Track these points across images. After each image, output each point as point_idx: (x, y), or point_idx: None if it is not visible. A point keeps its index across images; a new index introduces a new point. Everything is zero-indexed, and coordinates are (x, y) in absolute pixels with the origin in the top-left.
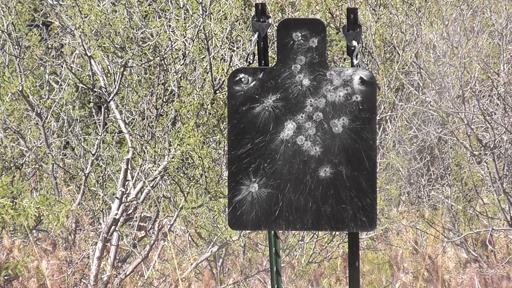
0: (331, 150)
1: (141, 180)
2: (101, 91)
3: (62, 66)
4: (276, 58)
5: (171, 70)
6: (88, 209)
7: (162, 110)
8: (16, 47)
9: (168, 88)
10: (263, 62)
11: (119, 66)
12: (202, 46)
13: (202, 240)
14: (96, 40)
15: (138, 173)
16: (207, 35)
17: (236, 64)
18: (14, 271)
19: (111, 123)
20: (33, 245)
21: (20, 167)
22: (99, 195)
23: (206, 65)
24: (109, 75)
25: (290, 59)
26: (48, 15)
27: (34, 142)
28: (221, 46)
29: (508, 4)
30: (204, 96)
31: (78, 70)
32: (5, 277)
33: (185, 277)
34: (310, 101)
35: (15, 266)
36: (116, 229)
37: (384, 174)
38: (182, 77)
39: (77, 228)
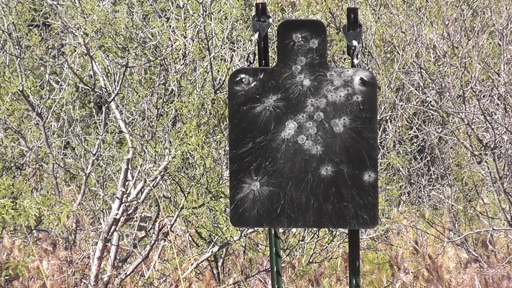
0: (332, 149)
1: (141, 180)
2: (101, 91)
3: (62, 66)
4: (276, 58)
5: (171, 70)
6: (88, 209)
7: (162, 110)
8: (17, 47)
9: (169, 88)
10: (263, 61)
11: (120, 66)
12: (203, 46)
13: (203, 240)
14: (98, 39)
15: (139, 173)
16: (207, 35)
17: (237, 64)
18: (14, 271)
19: (112, 123)
20: (34, 245)
21: (21, 167)
22: (100, 195)
23: (207, 65)
24: (109, 75)
25: (290, 60)
26: (49, 16)
27: (35, 142)
28: (221, 46)
29: (509, 4)
30: (205, 96)
31: (78, 70)
32: (6, 277)
33: (186, 277)
34: (311, 101)
35: (16, 266)
36: (117, 229)
37: (384, 174)
38: (182, 77)
39: (78, 228)
